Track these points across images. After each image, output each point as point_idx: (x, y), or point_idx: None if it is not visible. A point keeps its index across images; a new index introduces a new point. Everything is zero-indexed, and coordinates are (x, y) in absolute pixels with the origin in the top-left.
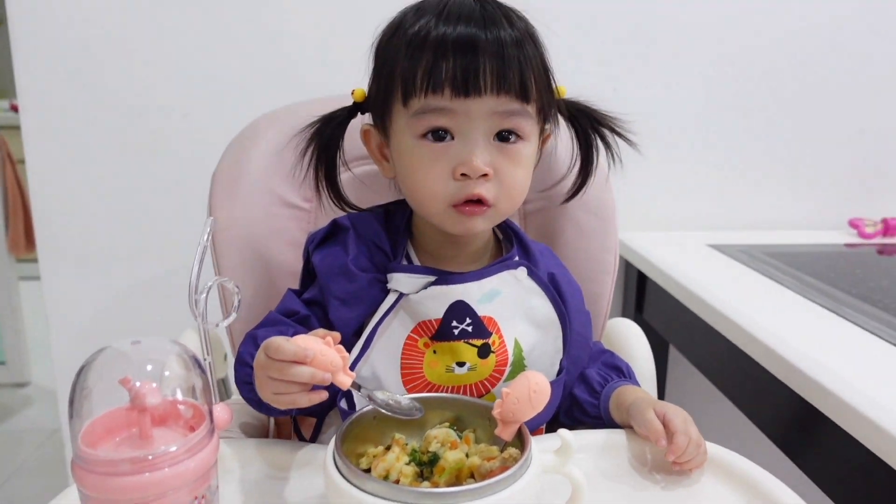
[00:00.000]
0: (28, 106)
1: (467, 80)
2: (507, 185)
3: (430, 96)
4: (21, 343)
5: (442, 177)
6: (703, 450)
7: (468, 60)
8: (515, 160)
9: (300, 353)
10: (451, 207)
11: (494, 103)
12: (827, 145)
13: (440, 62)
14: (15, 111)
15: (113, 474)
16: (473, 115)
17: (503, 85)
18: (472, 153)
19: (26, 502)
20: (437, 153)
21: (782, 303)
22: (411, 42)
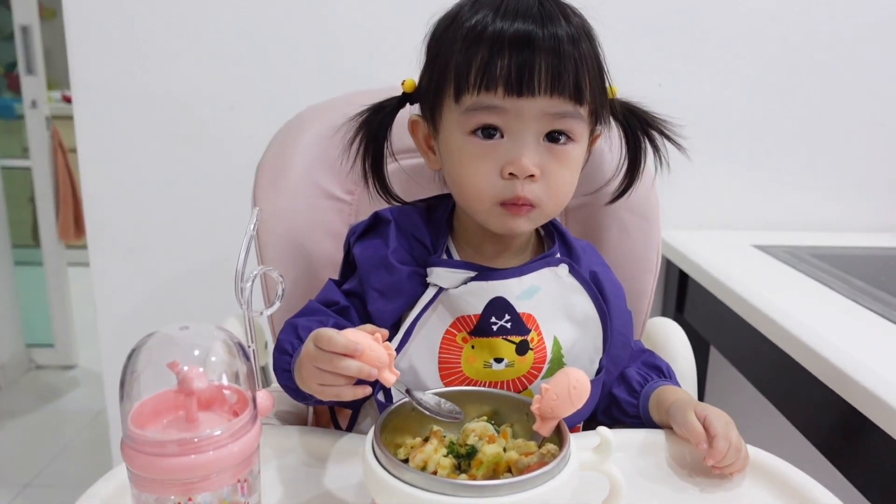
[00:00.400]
0: (81, 97)
1: (521, 79)
2: (554, 187)
3: (483, 94)
4: (69, 327)
5: (490, 175)
6: (743, 454)
7: (524, 58)
8: (564, 162)
9: (350, 347)
10: (497, 206)
11: (547, 104)
12: (877, 146)
13: (495, 59)
14: (68, 102)
15: (160, 455)
16: (525, 114)
17: (557, 86)
18: (521, 153)
19: (72, 481)
20: (486, 150)
21: (828, 305)
22: (467, 36)
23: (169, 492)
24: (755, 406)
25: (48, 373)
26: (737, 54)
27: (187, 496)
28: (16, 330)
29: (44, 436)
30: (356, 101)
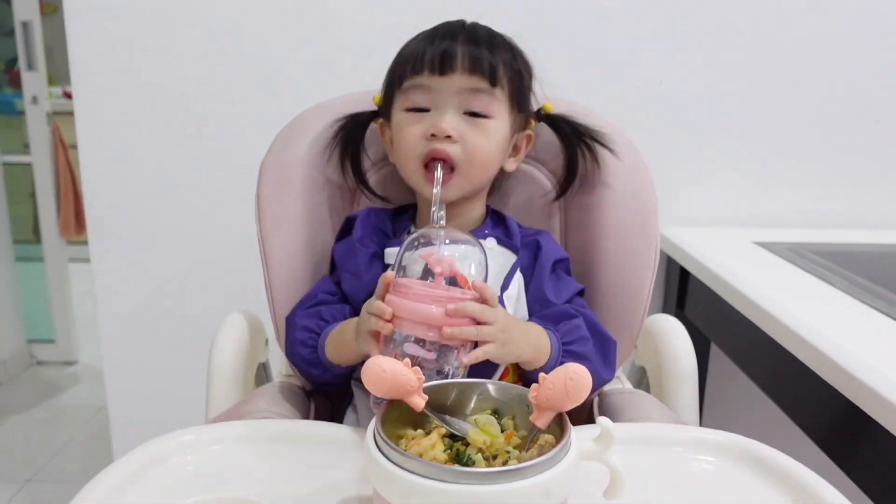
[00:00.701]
0: (81, 93)
1: (443, 60)
2: (470, 149)
3: (415, 76)
4: (70, 323)
5: (416, 137)
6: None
7: (445, 46)
8: (481, 130)
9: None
10: (422, 167)
11: (465, 81)
12: (879, 142)
13: (425, 50)
14: (68, 98)
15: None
16: (446, 91)
17: (475, 67)
18: (441, 119)
19: (73, 477)
20: (416, 120)
21: (830, 302)
22: (408, 47)
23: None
24: (756, 403)
25: (49, 369)
26: (738, 51)
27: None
28: (17, 326)
29: (45, 432)
30: (358, 100)
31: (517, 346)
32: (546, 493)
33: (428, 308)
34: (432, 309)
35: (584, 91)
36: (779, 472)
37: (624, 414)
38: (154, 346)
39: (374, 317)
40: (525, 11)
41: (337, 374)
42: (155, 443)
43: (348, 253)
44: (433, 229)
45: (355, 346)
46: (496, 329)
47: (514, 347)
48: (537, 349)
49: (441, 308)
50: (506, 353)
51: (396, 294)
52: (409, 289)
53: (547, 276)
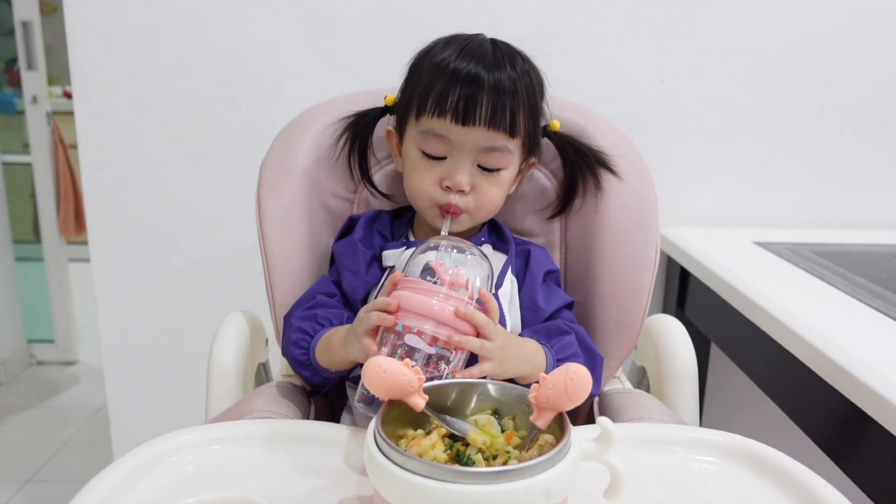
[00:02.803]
0: (81, 92)
1: (466, 111)
2: (481, 200)
3: (436, 119)
4: (70, 323)
5: (432, 185)
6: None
7: (470, 92)
8: (493, 182)
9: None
10: (435, 207)
11: (484, 137)
12: (880, 142)
13: (449, 91)
14: (68, 98)
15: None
16: (465, 144)
17: (496, 121)
18: (457, 172)
19: (72, 477)
20: (432, 166)
21: (831, 303)
22: (433, 69)
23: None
24: (756, 403)
25: (49, 369)
26: (738, 50)
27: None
28: (17, 326)
29: (45, 431)
30: (357, 101)
31: (513, 365)
32: (546, 493)
33: (436, 303)
34: (442, 305)
35: (585, 91)
36: (779, 472)
37: (624, 414)
38: (154, 346)
39: (377, 312)
40: (525, 11)
41: (327, 377)
42: (155, 443)
43: (349, 251)
44: (443, 239)
45: (342, 352)
46: (496, 347)
47: (510, 366)
48: (533, 366)
49: (449, 306)
50: (502, 371)
51: (404, 289)
52: (419, 285)
53: (538, 284)
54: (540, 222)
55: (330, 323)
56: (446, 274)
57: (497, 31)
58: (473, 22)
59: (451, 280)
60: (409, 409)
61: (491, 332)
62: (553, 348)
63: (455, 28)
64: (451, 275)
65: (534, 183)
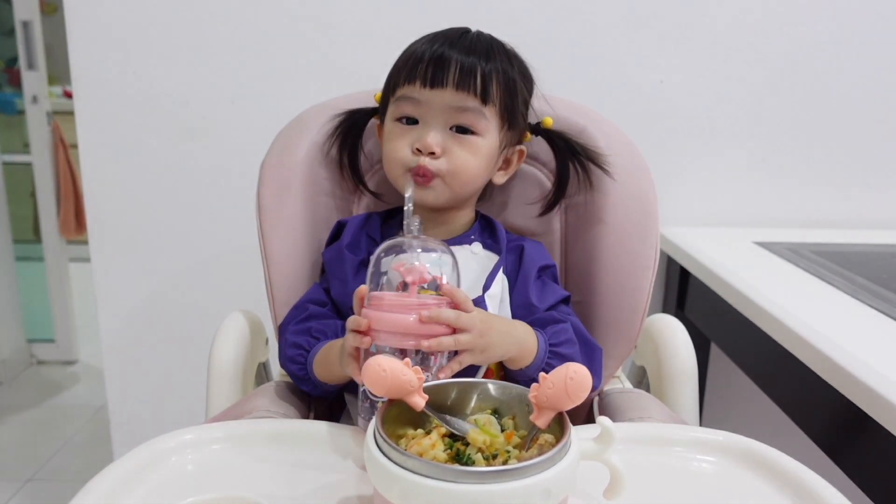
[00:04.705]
0: (82, 92)
1: (434, 73)
2: (454, 164)
3: (407, 86)
4: (70, 322)
5: (404, 148)
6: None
7: (439, 56)
8: (466, 147)
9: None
10: (407, 173)
11: (454, 98)
12: (880, 142)
13: (420, 59)
14: (68, 97)
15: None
16: (434, 105)
17: (465, 83)
18: (427, 134)
19: (73, 476)
20: (404, 132)
21: (831, 303)
22: (409, 51)
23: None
24: (756, 402)
25: (49, 368)
26: (738, 50)
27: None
28: (17, 325)
29: (45, 431)
30: (358, 101)
31: (498, 349)
32: (546, 493)
33: (402, 317)
34: (406, 318)
35: (585, 91)
36: (779, 472)
37: (624, 414)
38: (154, 345)
39: (352, 334)
40: (525, 11)
41: (327, 390)
42: (155, 443)
43: (336, 259)
44: (404, 238)
45: (339, 369)
46: (473, 336)
47: (494, 351)
48: (522, 348)
49: (412, 315)
50: (486, 358)
51: (371, 307)
52: (381, 300)
53: (532, 281)
54: (539, 222)
55: (325, 335)
56: (409, 275)
57: (497, 31)
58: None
59: (413, 280)
60: (409, 408)
61: (464, 323)
62: (546, 333)
63: None
64: (414, 275)
65: (531, 181)
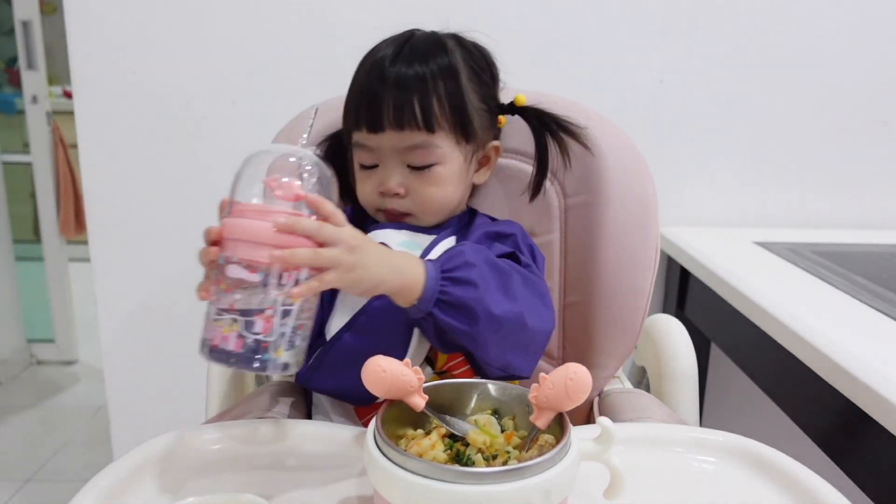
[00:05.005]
0: (81, 92)
1: (372, 118)
2: (421, 202)
3: (356, 132)
4: (70, 322)
5: (372, 193)
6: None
7: (373, 95)
8: (429, 181)
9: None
10: (381, 213)
11: (398, 139)
12: (880, 142)
13: (359, 102)
14: (68, 97)
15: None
16: (385, 148)
17: (403, 121)
18: (387, 178)
19: (72, 476)
20: (368, 176)
21: (831, 303)
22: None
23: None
24: (756, 403)
25: (49, 368)
26: (738, 50)
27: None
28: (17, 325)
29: (45, 431)
30: None
31: (371, 272)
32: (546, 493)
33: (256, 223)
34: (261, 224)
35: (585, 91)
36: (779, 472)
37: (624, 414)
38: (154, 345)
39: (203, 248)
40: (525, 11)
41: None
42: (155, 443)
43: None
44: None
45: None
46: (339, 251)
47: (366, 274)
48: (404, 276)
49: (269, 222)
50: (354, 279)
51: (232, 214)
52: (245, 207)
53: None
54: (540, 221)
55: None
56: (279, 189)
57: (497, 31)
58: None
59: (283, 196)
60: (408, 408)
61: (328, 235)
62: (438, 261)
63: (455, 28)
64: (284, 189)
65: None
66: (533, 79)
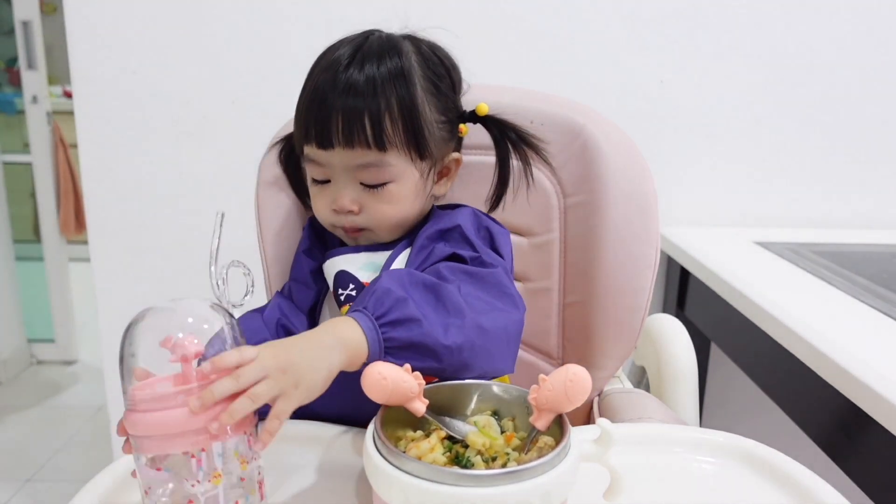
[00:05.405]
0: (82, 92)
1: (321, 134)
2: (376, 218)
3: (306, 146)
4: (70, 322)
5: (326, 209)
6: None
7: (319, 112)
8: (381, 198)
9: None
10: (339, 228)
11: (348, 156)
12: (880, 142)
13: (308, 114)
14: (68, 97)
15: (166, 409)
16: (335, 165)
17: (353, 139)
18: (339, 195)
19: (72, 476)
20: (321, 191)
21: (831, 303)
22: (305, 83)
23: (183, 445)
24: (756, 402)
25: (49, 368)
26: (738, 50)
27: (201, 447)
28: (17, 325)
29: (45, 431)
30: None
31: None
32: (545, 495)
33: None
34: (171, 415)
35: (585, 90)
36: (779, 472)
37: (624, 414)
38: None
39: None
40: (525, 11)
41: None
42: None
43: (296, 263)
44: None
45: None
46: (273, 380)
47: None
48: (344, 347)
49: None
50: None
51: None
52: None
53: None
54: (539, 222)
55: None
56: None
57: (497, 30)
58: (474, 23)
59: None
60: (407, 410)
61: (251, 375)
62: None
63: (455, 29)
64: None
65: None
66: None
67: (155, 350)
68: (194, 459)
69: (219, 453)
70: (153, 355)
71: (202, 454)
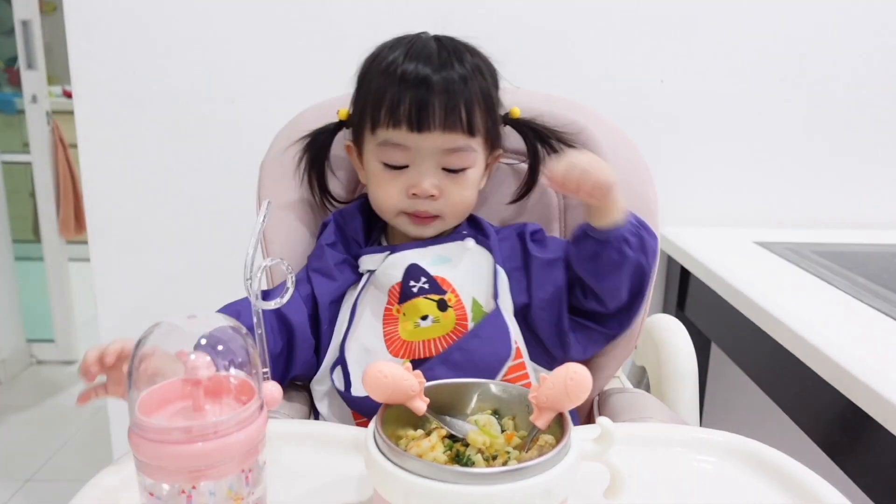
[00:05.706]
0: (81, 92)
1: (420, 117)
2: (452, 203)
3: (391, 130)
4: (70, 322)
5: (398, 194)
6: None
7: (421, 97)
8: (460, 183)
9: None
10: (404, 215)
11: (443, 140)
12: (880, 142)
13: (400, 99)
14: (68, 97)
15: (165, 442)
16: (425, 150)
17: (452, 123)
18: (422, 179)
19: (72, 476)
20: (394, 176)
21: (831, 303)
22: (380, 76)
23: (174, 479)
24: (756, 403)
25: (49, 368)
26: (738, 50)
27: (191, 484)
28: (17, 325)
29: (44, 431)
30: None
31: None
32: (546, 494)
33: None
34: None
35: (585, 91)
36: (779, 472)
37: (624, 414)
38: None
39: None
40: (526, 12)
41: None
42: None
43: (316, 255)
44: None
45: None
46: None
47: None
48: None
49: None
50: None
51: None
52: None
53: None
54: (539, 220)
55: None
56: (198, 370)
57: (497, 30)
58: (473, 23)
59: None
60: (408, 408)
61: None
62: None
63: (455, 30)
64: (206, 369)
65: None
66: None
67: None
68: (184, 495)
69: (211, 492)
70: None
71: (193, 490)
